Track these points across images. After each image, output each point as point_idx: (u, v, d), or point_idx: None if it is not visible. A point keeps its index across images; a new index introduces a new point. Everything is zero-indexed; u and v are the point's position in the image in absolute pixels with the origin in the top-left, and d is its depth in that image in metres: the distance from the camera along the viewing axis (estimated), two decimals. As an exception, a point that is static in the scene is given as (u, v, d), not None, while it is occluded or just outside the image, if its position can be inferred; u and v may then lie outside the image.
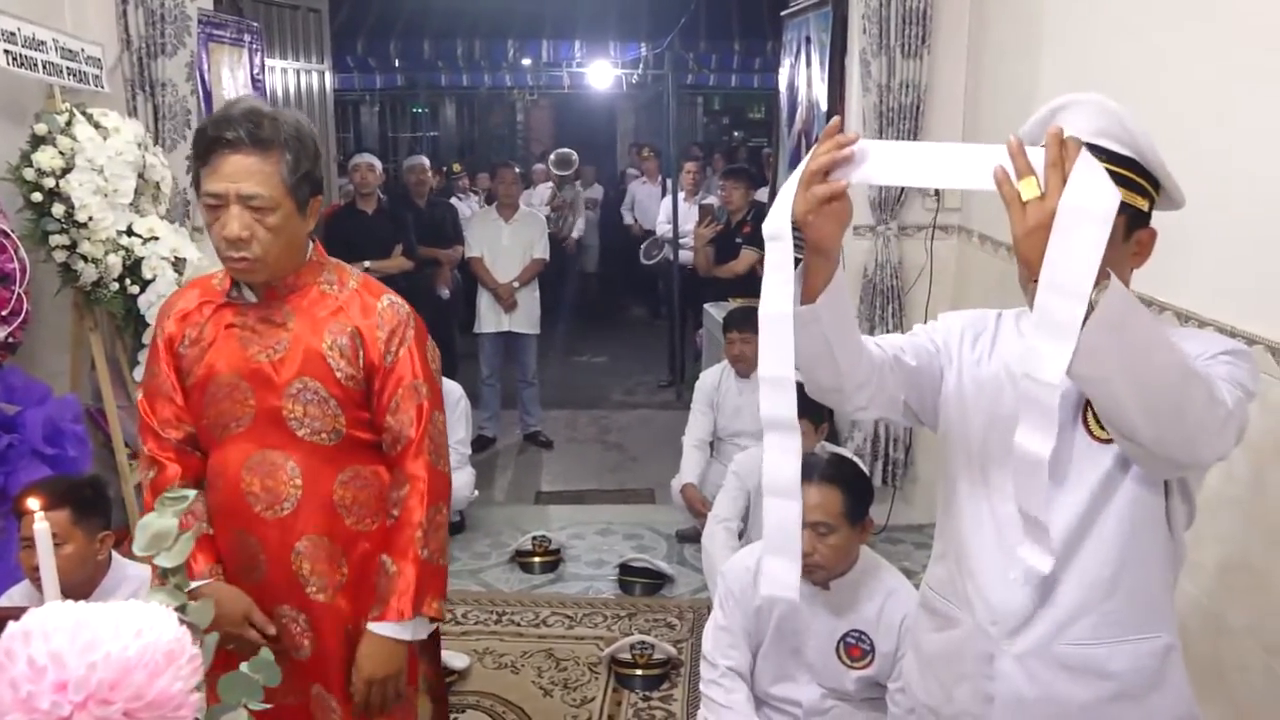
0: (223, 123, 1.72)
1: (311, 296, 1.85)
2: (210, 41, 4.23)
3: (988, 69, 3.81)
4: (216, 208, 1.72)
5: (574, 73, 10.49)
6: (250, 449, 1.84)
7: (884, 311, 4.16)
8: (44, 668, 0.70)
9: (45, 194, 3.12)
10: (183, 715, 0.73)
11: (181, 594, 0.87)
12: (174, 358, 1.88)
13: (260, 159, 1.71)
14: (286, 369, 1.81)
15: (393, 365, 1.85)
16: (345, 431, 1.86)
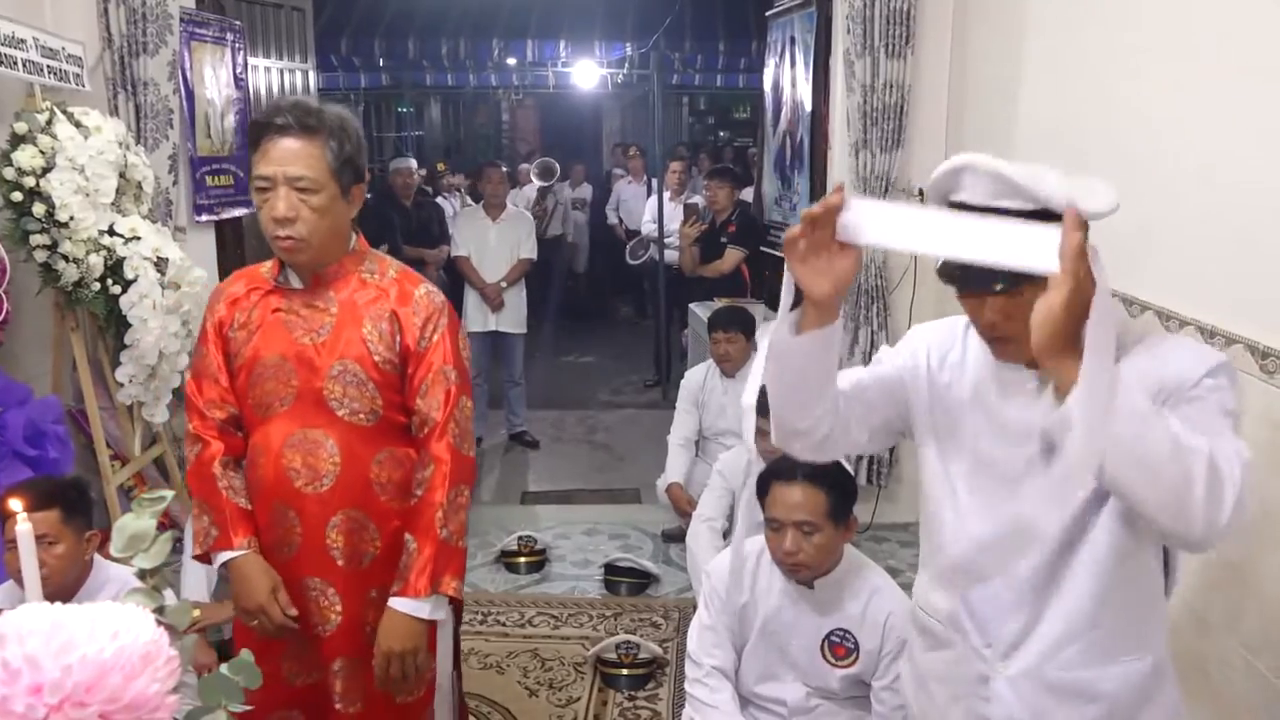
0: (273, 111, 1.85)
1: (353, 284, 1.95)
2: (192, 40, 4.20)
3: (971, 69, 3.83)
4: (266, 190, 1.83)
5: (559, 72, 10.48)
6: (293, 427, 1.93)
7: (868, 311, 4.17)
8: (18, 670, 0.69)
9: (25, 193, 3.09)
10: (159, 717, 0.73)
11: (159, 595, 0.87)
12: (223, 341, 1.98)
13: (306, 143, 1.82)
14: (328, 352, 1.92)
15: (425, 350, 1.94)
16: (382, 413, 1.95)
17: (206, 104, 4.39)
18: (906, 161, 4.08)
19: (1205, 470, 1.19)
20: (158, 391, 3.61)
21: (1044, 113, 3.05)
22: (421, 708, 2.11)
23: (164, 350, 3.51)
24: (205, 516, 1.98)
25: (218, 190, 4.47)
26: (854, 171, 4.07)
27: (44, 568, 2.11)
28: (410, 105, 12.66)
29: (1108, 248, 2.53)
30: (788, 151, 4.93)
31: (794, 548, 2.17)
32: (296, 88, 6.10)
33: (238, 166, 4.65)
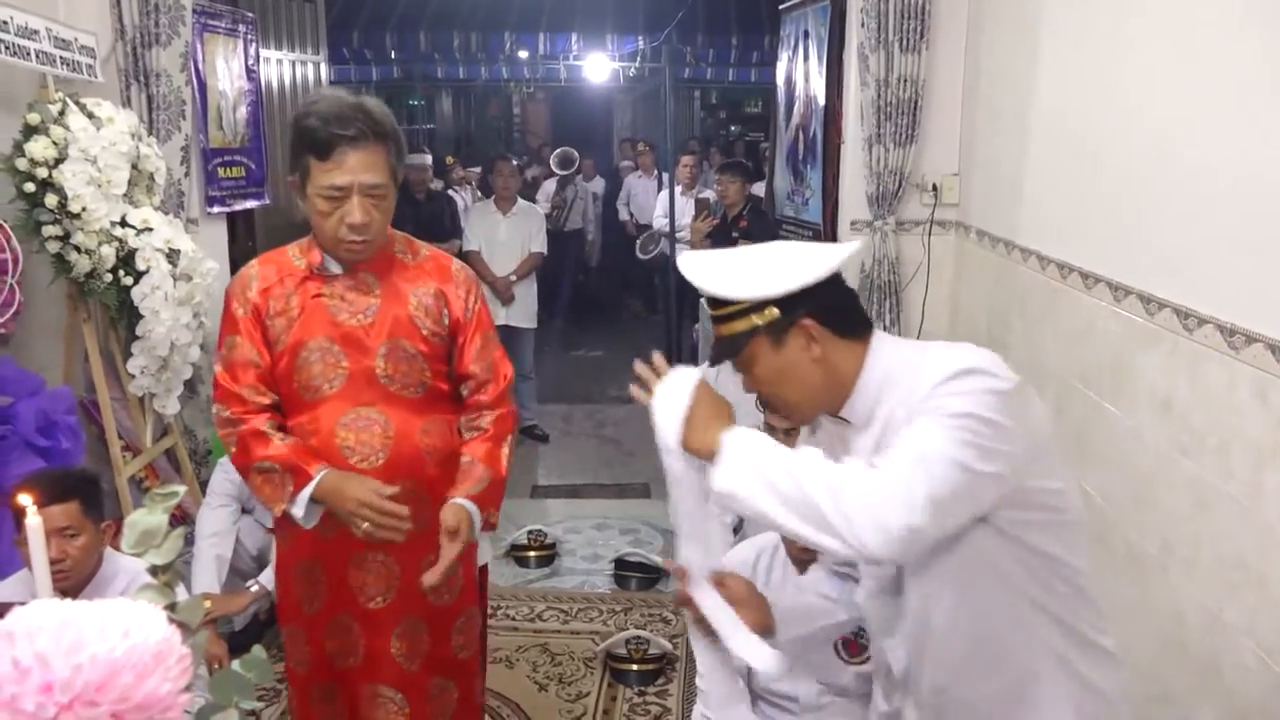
0: (338, 120, 1.87)
1: (392, 265, 2.06)
2: (205, 32, 4.20)
3: (986, 63, 3.80)
4: (337, 199, 1.90)
5: (571, 66, 10.45)
6: (345, 407, 2.00)
7: (881, 307, 4.15)
8: (29, 669, 0.69)
9: (38, 184, 3.09)
10: (172, 716, 0.72)
11: (171, 592, 0.86)
12: (262, 328, 2.02)
13: (376, 150, 1.91)
14: (377, 332, 2.01)
15: (471, 320, 2.09)
16: (430, 383, 2.06)
17: (219, 96, 4.39)
18: (920, 156, 4.06)
19: (828, 497, 1.31)
20: (169, 383, 3.61)
21: (1058, 108, 3.02)
22: (475, 663, 2.28)
23: (175, 342, 3.50)
24: (272, 474, 1.97)
25: (229, 182, 4.47)
26: (867, 166, 4.04)
27: (66, 559, 2.12)
28: (421, 98, 12.66)
29: (1126, 246, 2.50)
30: (800, 146, 4.90)
31: (799, 550, 2.19)
32: (308, 80, 6.10)
33: (249, 158, 4.65)
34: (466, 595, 2.23)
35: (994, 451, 1.31)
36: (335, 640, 2.12)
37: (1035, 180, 3.22)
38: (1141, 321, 2.44)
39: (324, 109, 1.89)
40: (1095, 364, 2.72)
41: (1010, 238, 3.41)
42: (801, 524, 1.34)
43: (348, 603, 2.09)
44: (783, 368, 1.50)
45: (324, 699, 2.17)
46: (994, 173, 3.67)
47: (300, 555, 2.12)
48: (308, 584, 2.12)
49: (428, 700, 2.17)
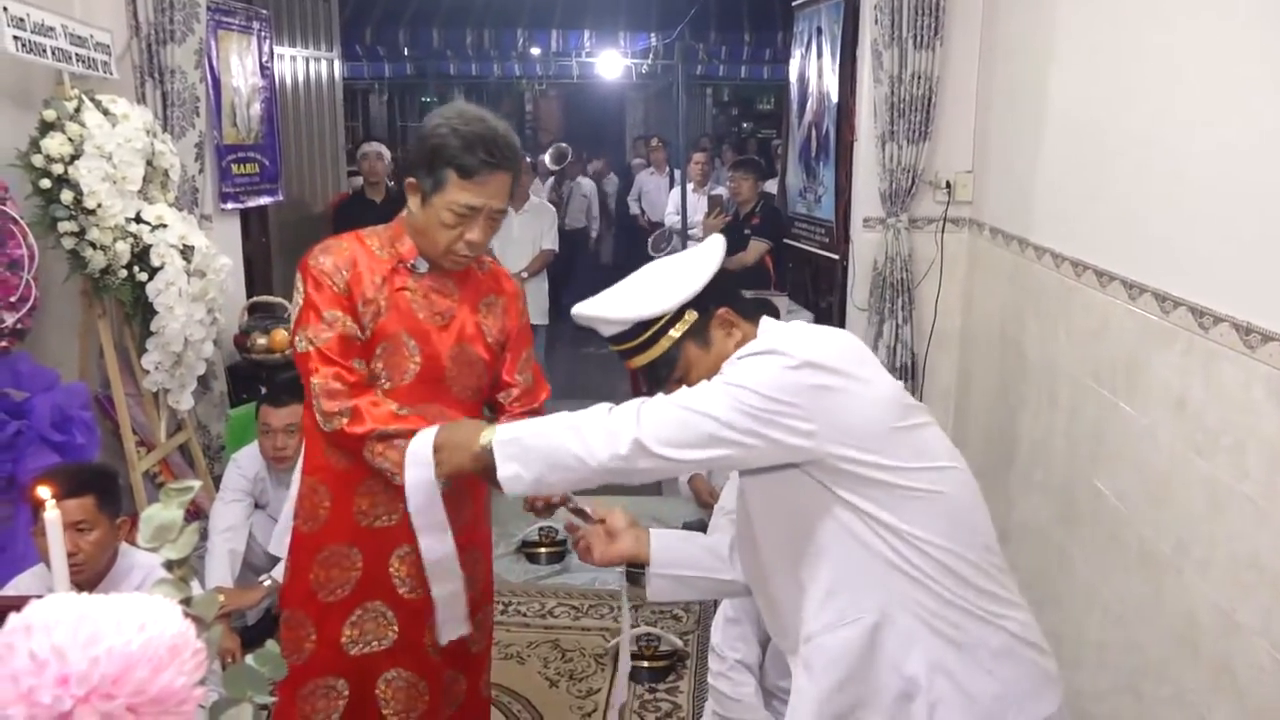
0: (489, 147, 1.95)
1: (469, 274, 2.14)
2: (219, 29, 4.22)
3: (1001, 60, 3.78)
4: (466, 217, 1.98)
5: (583, 63, 10.45)
6: (412, 400, 2.04)
7: (894, 305, 4.14)
8: (46, 661, 0.69)
9: (54, 180, 3.10)
10: (186, 710, 0.72)
11: (187, 586, 0.86)
12: (354, 313, 2.03)
13: (511, 179, 2.02)
14: (449, 335, 2.09)
15: (520, 331, 2.20)
16: (483, 390, 2.17)
17: (233, 92, 4.41)
18: (933, 153, 4.05)
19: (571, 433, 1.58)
20: (183, 379, 3.62)
21: (1074, 104, 3.01)
22: (485, 657, 2.37)
23: (189, 337, 3.52)
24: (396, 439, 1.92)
25: (243, 178, 4.49)
26: (880, 163, 4.04)
27: (79, 554, 2.13)
28: (434, 95, 12.66)
29: (1141, 244, 2.48)
30: (813, 143, 4.89)
31: None
32: (321, 77, 6.12)
33: (263, 155, 4.67)
34: (487, 592, 2.32)
35: (758, 418, 1.48)
36: (359, 628, 2.11)
37: (1050, 177, 3.21)
38: (1156, 320, 2.42)
39: (478, 131, 1.95)
40: (1109, 362, 2.70)
41: (1024, 235, 3.40)
42: (567, 471, 1.57)
43: (385, 591, 2.10)
44: (714, 361, 1.64)
45: (316, 694, 2.13)
46: (1008, 170, 3.65)
47: (328, 539, 2.09)
48: (339, 569, 2.10)
49: (443, 690, 2.20)
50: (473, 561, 2.16)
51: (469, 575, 2.07)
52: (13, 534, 2.88)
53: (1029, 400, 3.33)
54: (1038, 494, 3.22)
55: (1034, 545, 3.22)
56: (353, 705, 2.14)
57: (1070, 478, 2.95)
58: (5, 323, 2.92)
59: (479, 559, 2.24)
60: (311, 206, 6.24)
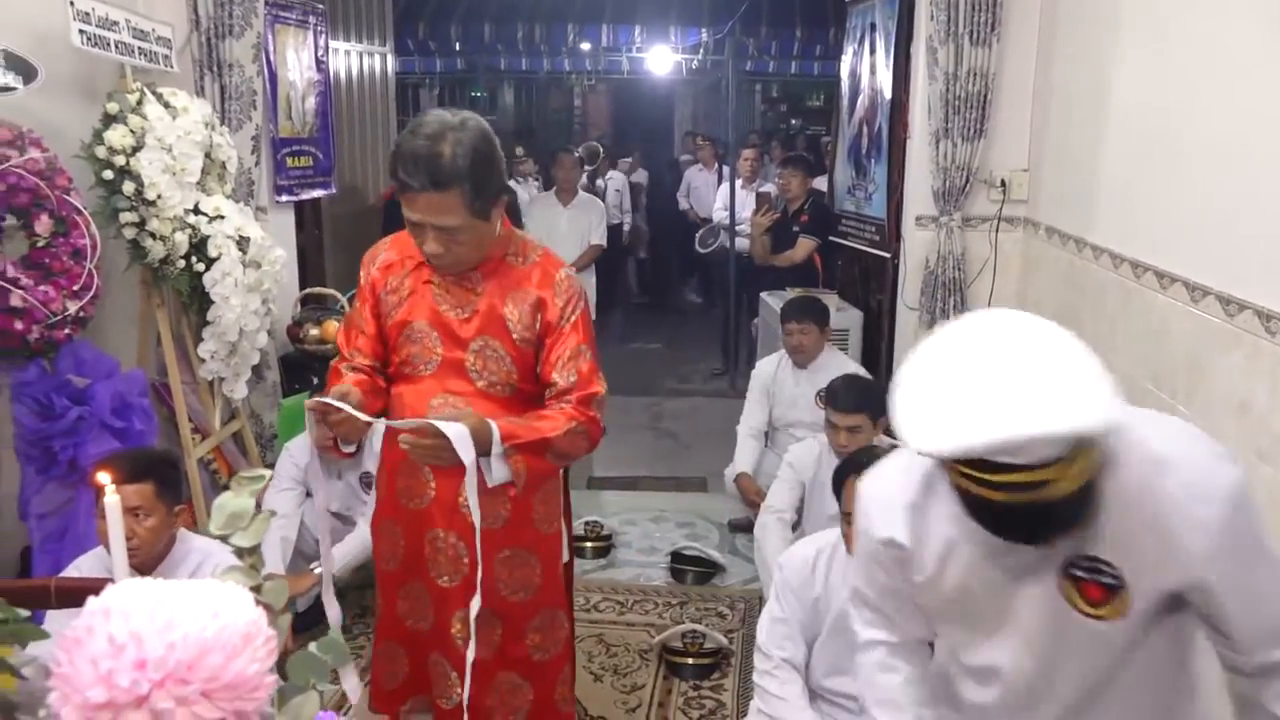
0: (407, 167, 1.91)
1: (500, 268, 2.09)
2: (276, 23, 4.27)
3: (1059, 56, 3.72)
4: (416, 227, 1.98)
5: (633, 58, 10.45)
6: (436, 389, 2.09)
7: (945, 304, 4.09)
8: (123, 645, 0.70)
9: (116, 172, 3.16)
10: (258, 697, 0.73)
11: (257, 574, 0.87)
12: (376, 301, 2.15)
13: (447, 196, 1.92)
14: (471, 327, 2.07)
15: (564, 329, 2.08)
16: (518, 386, 2.10)
17: (288, 86, 4.46)
18: (989, 151, 3.99)
19: None
20: (238, 368, 3.68)
21: (1138, 101, 2.95)
22: (557, 666, 2.29)
23: (244, 327, 3.57)
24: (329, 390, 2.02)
25: (297, 171, 4.55)
26: (934, 161, 3.99)
27: (134, 539, 2.17)
28: (484, 90, 12.73)
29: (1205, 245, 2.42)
30: (864, 140, 4.85)
31: None
32: (375, 71, 6.18)
33: (317, 148, 4.73)
34: (545, 594, 2.22)
35: None
36: (408, 601, 2.21)
37: (1110, 176, 3.15)
38: (1220, 323, 2.37)
39: (406, 149, 1.89)
40: (1169, 365, 2.65)
41: (1082, 235, 3.34)
42: None
43: (421, 572, 2.17)
44: None
45: (387, 654, 2.27)
46: (1066, 168, 3.59)
47: (384, 512, 2.23)
48: (389, 541, 2.22)
49: (490, 691, 2.19)
50: (518, 562, 2.17)
51: (510, 576, 2.15)
52: (74, 516, 2.95)
53: (1084, 403, 3.27)
54: (1092, 498, 3.16)
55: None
56: (411, 675, 2.25)
57: (1126, 482, 2.90)
58: (68, 311, 2.98)
59: (528, 561, 2.19)
60: (363, 199, 6.31)
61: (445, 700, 2.19)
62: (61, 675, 0.71)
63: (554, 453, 2.01)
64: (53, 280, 2.98)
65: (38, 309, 2.90)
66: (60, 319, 2.96)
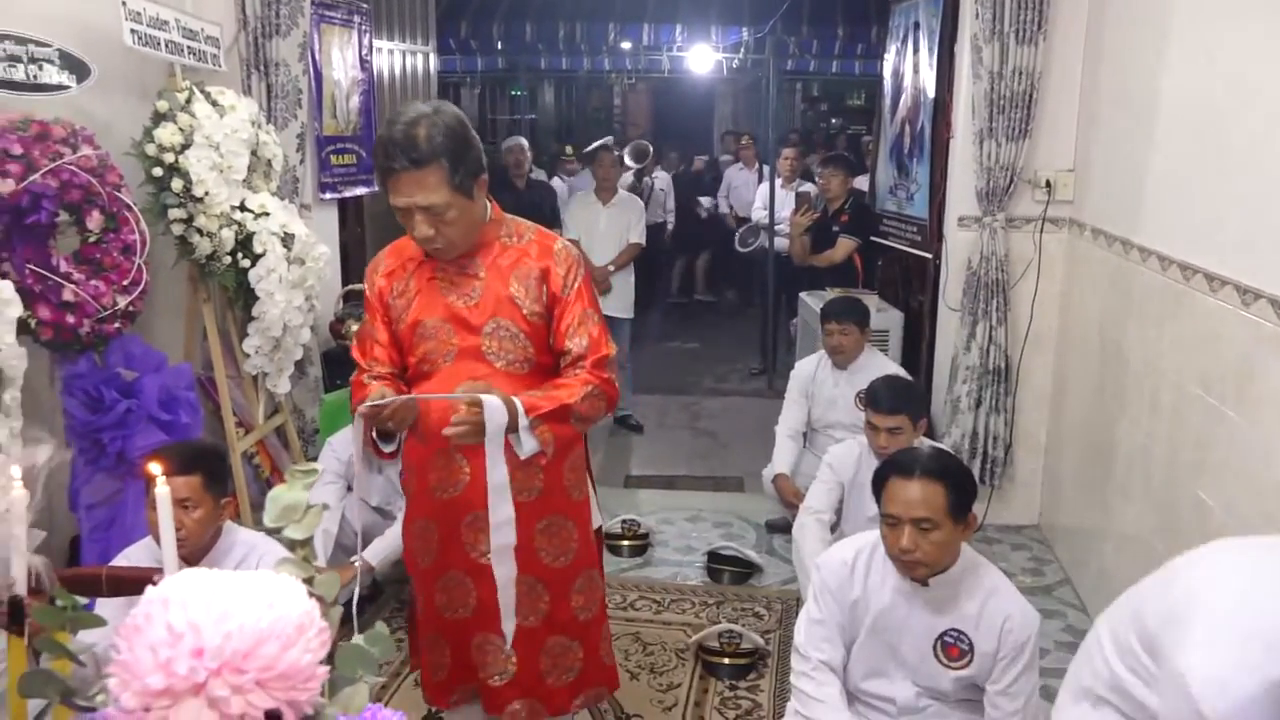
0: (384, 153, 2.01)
1: (495, 249, 2.17)
2: (322, 22, 4.32)
3: (1108, 55, 3.67)
4: (403, 214, 2.05)
5: (674, 57, 10.43)
6: (459, 379, 2.11)
7: (988, 305, 4.05)
8: (182, 634, 0.72)
9: (165, 169, 3.21)
10: (311, 687, 0.74)
11: (310, 566, 0.89)
12: (384, 308, 2.23)
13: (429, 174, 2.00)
14: (481, 312, 2.15)
15: (569, 297, 2.17)
16: (535, 359, 2.18)
17: (333, 85, 4.51)
18: (1033, 151, 3.95)
19: None
20: (281, 363, 3.73)
21: (1188, 100, 2.90)
22: (598, 624, 2.40)
23: (288, 323, 3.62)
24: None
25: (341, 169, 4.59)
26: (977, 161, 3.95)
27: (181, 529, 2.20)
28: (524, 89, 12.78)
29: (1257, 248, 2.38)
30: (906, 140, 4.81)
31: (911, 545, 2.12)
32: (417, 70, 6.22)
33: (360, 146, 4.77)
34: (584, 556, 2.33)
35: None
36: (445, 593, 2.27)
37: (1159, 177, 3.10)
38: (1272, 327, 2.33)
39: (384, 135, 2.01)
40: (1218, 370, 2.60)
41: (1129, 237, 3.29)
42: None
43: (459, 558, 2.23)
44: None
45: (431, 647, 2.34)
46: (1113, 169, 3.54)
47: (418, 513, 2.29)
48: (423, 540, 2.28)
49: (541, 654, 2.29)
50: (556, 529, 2.27)
51: (550, 544, 2.26)
52: (122, 506, 3.00)
53: (1129, 406, 3.23)
54: (1137, 502, 3.12)
55: (1133, 555, 3.12)
56: (454, 666, 2.32)
57: (1172, 487, 2.85)
58: (118, 305, 3.03)
59: (564, 526, 2.29)
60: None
61: (499, 676, 2.27)
62: (121, 662, 0.73)
63: (576, 417, 2.11)
64: (103, 275, 3.03)
65: (89, 303, 2.96)
66: (110, 313, 3.01)
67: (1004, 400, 4.12)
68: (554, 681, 2.32)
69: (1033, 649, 2.18)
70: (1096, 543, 3.52)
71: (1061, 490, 4.01)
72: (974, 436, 4.14)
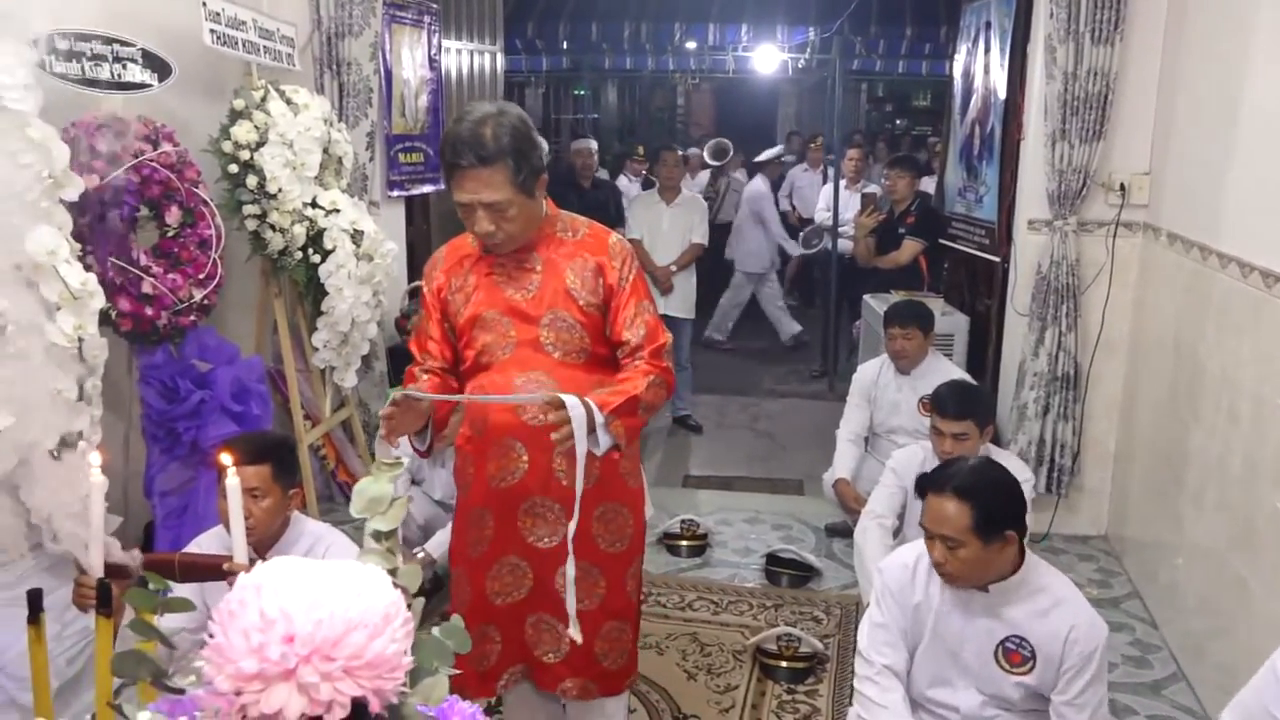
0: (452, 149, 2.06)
1: (552, 244, 2.22)
2: (393, 23, 4.38)
3: (1187, 55, 3.57)
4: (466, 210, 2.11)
5: (738, 57, 10.40)
6: (518, 371, 2.19)
7: (1057, 311, 3.97)
8: (274, 620, 0.73)
9: (241, 166, 3.29)
10: (396, 678, 0.76)
11: (394, 558, 0.90)
12: (441, 304, 2.28)
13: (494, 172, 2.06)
14: (538, 304, 2.19)
15: (625, 289, 2.22)
16: (591, 350, 2.22)
17: (403, 84, 4.57)
18: (1108, 153, 3.87)
19: None
20: (348, 357, 3.79)
21: (1271, 103, 2.81)
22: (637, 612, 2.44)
23: (356, 318, 3.68)
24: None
25: (409, 167, 4.66)
26: (1049, 163, 3.88)
27: (251, 518, 2.25)
28: (588, 88, 12.83)
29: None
30: (975, 141, 4.74)
31: (940, 559, 2.16)
32: (484, 70, 6.28)
33: (428, 145, 4.83)
34: (637, 543, 2.39)
35: None
36: (498, 581, 2.31)
37: (1241, 181, 3.02)
38: (1359, 337, 2.25)
39: (451, 132, 2.08)
40: (1301, 380, 2.53)
41: (1207, 242, 3.21)
42: None
43: (515, 544, 2.27)
44: None
45: (478, 639, 2.34)
46: (1192, 172, 3.45)
47: (473, 502, 2.31)
48: (477, 529, 2.31)
49: (598, 639, 2.33)
50: (612, 515, 2.32)
51: (607, 530, 2.30)
52: (194, 494, 3.09)
53: (1203, 416, 3.15)
54: (1211, 514, 3.04)
55: (1207, 569, 3.05)
56: (505, 649, 2.35)
57: (1249, 500, 2.78)
58: (194, 298, 3.11)
59: (620, 513, 2.33)
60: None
61: (553, 654, 2.33)
62: (216, 646, 0.75)
63: (643, 407, 2.15)
64: (180, 269, 3.11)
65: (166, 296, 3.04)
66: (186, 306, 3.09)
67: (1072, 407, 4.04)
68: (609, 664, 2.38)
69: (1100, 660, 2.14)
70: (1167, 555, 3.44)
71: (1130, 500, 3.92)
72: (1041, 444, 4.06)
